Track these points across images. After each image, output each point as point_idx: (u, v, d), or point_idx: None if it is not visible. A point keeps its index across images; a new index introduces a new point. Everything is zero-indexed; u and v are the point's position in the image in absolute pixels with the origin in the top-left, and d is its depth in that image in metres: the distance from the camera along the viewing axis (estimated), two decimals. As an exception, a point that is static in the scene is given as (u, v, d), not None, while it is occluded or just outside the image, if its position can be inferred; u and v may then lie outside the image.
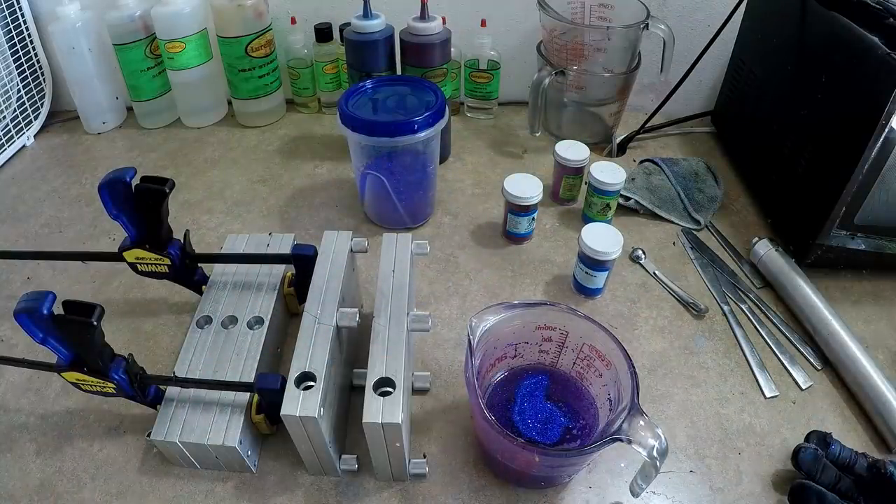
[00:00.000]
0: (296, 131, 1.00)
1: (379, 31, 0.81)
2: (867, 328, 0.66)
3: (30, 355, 0.57)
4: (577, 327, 0.51)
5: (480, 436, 0.53)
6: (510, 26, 0.98)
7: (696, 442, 0.56)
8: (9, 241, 0.79)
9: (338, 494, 0.52)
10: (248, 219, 0.81)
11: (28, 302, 0.44)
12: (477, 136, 0.98)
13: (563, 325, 0.52)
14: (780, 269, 0.70)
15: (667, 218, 0.81)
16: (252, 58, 0.93)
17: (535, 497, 0.51)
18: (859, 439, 0.56)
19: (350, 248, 0.59)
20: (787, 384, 0.61)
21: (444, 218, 0.81)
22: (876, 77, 0.57)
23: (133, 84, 0.96)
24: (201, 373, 0.54)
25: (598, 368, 0.51)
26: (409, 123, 0.67)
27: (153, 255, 0.58)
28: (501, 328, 0.50)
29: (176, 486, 0.52)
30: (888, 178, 0.61)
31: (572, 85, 0.91)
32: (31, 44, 0.96)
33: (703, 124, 1.00)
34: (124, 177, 0.53)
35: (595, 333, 0.50)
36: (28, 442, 0.56)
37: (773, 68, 0.78)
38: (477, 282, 0.72)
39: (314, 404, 0.45)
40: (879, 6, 0.60)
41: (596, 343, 0.50)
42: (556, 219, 0.81)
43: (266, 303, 0.61)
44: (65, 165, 0.93)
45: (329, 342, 0.50)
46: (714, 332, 0.66)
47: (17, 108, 0.96)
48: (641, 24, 0.82)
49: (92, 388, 0.50)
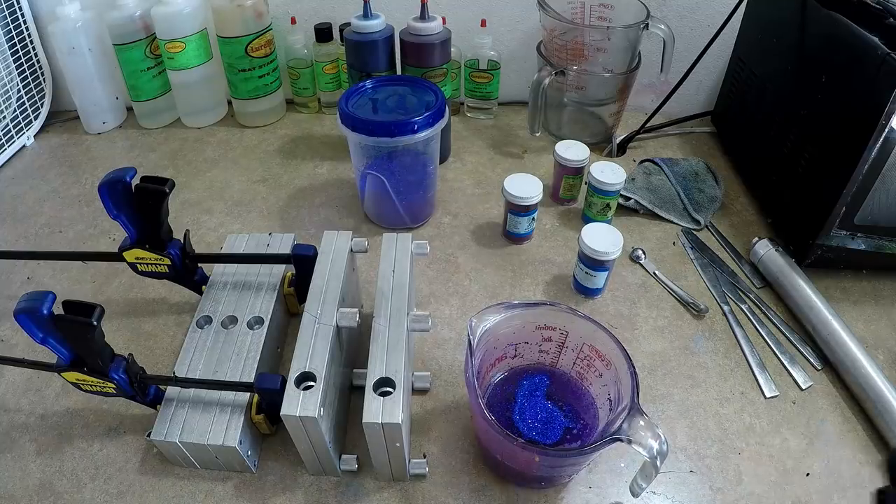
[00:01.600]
0: (296, 131, 1.00)
1: (379, 31, 0.81)
2: (867, 328, 0.66)
3: (30, 355, 0.57)
4: (577, 327, 0.51)
5: (481, 436, 0.53)
6: (510, 26, 0.98)
7: (696, 442, 0.56)
8: (9, 241, 0.79)
9: (338, 494, 0.52)
10: (248, 219, 0.81)
11: (28, 302, 0.44)
12: (477, 136, 0.98)
13: (563, 325, 0.52)
14: (780, 269, 0.70)
15: (667, 218, 0.81)
16: (252, 58, 0.93)
17: (535, 497, 0.51)
18: (859, 439, 0.56)
19: (350, 248, 0.59)
20: (787, 384, 0.61)
21: (444, 218, 0.81)
22: (876, 77, 0.57)
23: (133, 84, 0.96)
24: (201, 373, 0.54)
25: (598, 368, 0.51)
26: (409, 123, 0.67)
27: (153, 255, 0.58)
28: (501, 328, 0.50)
29: (176, 486, 0.52)
30: (888, 178, 0.61)
31: (572, 85, 0.91)
32: (31, 44, 0.96)
33: (703, 124, 1.00)
34: (124, 177, 0.53)
35: (595, 333, 0.50)
36: (28, 442, 0.56)
37: (773, 68, 0.78)
38: (477, 282, 0.72)
39: (314, 404, 0.45)
40: (879, 6, 0.60)
41: (596, 343, 0.50)
42: (556, 219, 0.81)
43: (266, 303, 0.61)
44: (65, 165, 0.93)
45: (329, 342, 0.50)
46: (714, 332, 0.66)
47: (17, 108, 0.96)
48: (641, 24, 0.82)
49: (92, 388, 0.50)
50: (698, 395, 0.60)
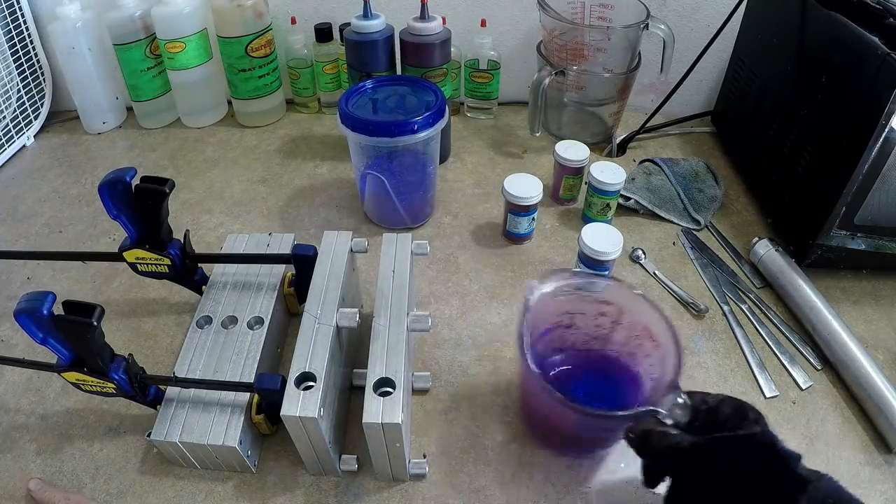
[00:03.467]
0: (296, 131, 1.00)
1: (379, 31, 0.81)
2: (867, 328, 0.66)
3: (30, 355, 0.57)
4: (634, 305, 0.52)
5: (528, 398, 0.53)
6: (510, 26, 0.98)
7: (696, 442, 0.56)
8: (9, 241, 0.79)
9: (338, 494, 0.52)
10: (248, 219, 0.81)
11: (28, 302, 0.44)
12: (477, 136, 0.98)
13: (620, 301, 0.53)
14: (780, 269, 0.70)
15: (667, 218, 0.81)
16: (252, 58, 0.93)
17: (535, 497, 0.51)
18: (859, 439, 0.56)
19: (350, 248, 0.59)
20: (787, 384, 0.61)
21: (444, 218, 0.81)
22: (876, 77, 0.57)
23: (133, 84, 0.96)
24: (201, 373, 0.54)
25: (648, 348, 0.51)
26: (409, 123, 0.67)
27: (153, 255, 0.58)
28: (559, 294, 0.51)
29: (176, 486, 0.52)
30: (888, 178, 0.61)
31: (572, 85, 0.91)
32: (31, 44, 0.96)
33: (703, 124, 1.00)
34: (124, 177, 0.53)
35: (650, 313, 0.50)
36: (28, 442, 0.56)
37: (773, 68, 0.78)
38: (477, 282, 0.72)
39: (314, 404, 0.45)
40: (879, 6, 0.60)
41: (650, 323, 0.51)
42: (556, 219, 0.81)
43: (266, 303, 0.61)
44: (65, 165, 0.93)
45: (329, 342, 0.50)
46: (714, 332, 0.66)
47: (17, 108, 0.96)
48: (641, 24, 0.82)
49: (92, 388, 0.50)
50: (698, 395, 0.60)
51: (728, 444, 0.40)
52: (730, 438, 0.40)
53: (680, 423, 0.43)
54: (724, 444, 0.40)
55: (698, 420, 0.43)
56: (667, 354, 0.48)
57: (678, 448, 0.41)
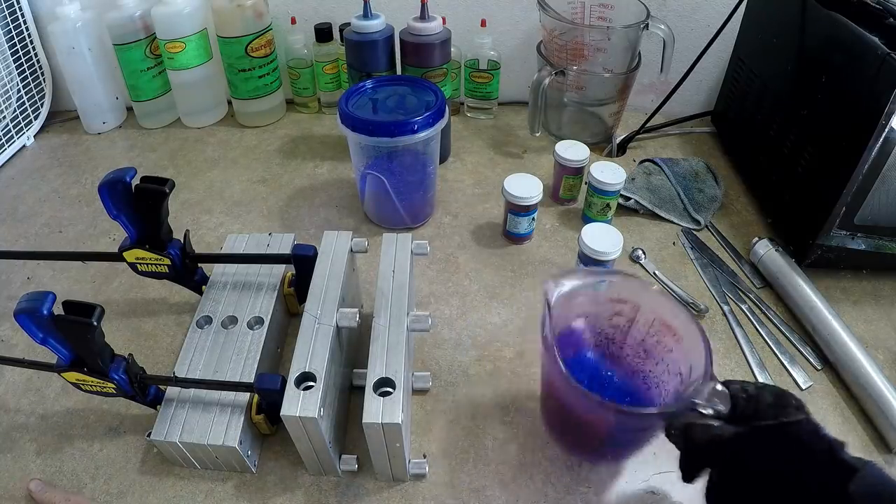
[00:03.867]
0: (296, 131, 1.00)
1: (379, 31, 0.81)
2: (867, 328, 0.66)
3: (30, 355, 0.57)
4: (649, 300, 0.51)
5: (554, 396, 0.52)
6: (510, 26, 0.98)
7: (696, 442, 0.56)
8: (9, 241, 0.79)
9: (338, 494, 0.52)
10: (248, 219, 0.81)
11: (28, 302, 0.44)
12: (477, 136, 0.98)
13: (635, 298, 0.52)
14: (780, 269, 0.70)
15: (667, 218, 0.81)
16: (252, 58, 0.93)
17: (535, 497, 0.51)
18: (859, 439, 0.56)
19: (350, 248, 0.59)
20: (787, 384, 0.61)
21: (444, 218, 0.81)
22: (876, 77, 0.57)
23: (133, 84, 0.96)
24: (201, 373, 0.54)
25: (668, 343, 0.51)
26: (409, 123, 0.67)
27: (153, 255, 0.58)
28: (576, 296, 0.51)
29: (176, 486, 0.52)
30: (888, 178, 0.61)
31: (572, 85, 0.91)
32: (31, 44, 0.96)
33: (703, 124, 1.00)
34: (124, 177, 0.53)
35: (667, 307, 0.50)
36: (28, 442, 0.56)
37: (773, 68, 0.78)
38: (477, 282, 0.72)
39: (314, 404, 0.45)
40: (879, 6, 0.60)
41: (667, 317, 0.50)
42: (556, 219, 0.81)
43: (266, 303, 0.61)
44: (65, 165, 0.93)
45: (329, 342, 0.50)
46: (714, 332, 0.66)
47: (17, 108, 0.96)
48: (641, 24, 0.82)
49: (92, 388, 0.50)
50: (698, 395, 0.60)
51: (772, 432, 0.39)
52: (773, 427, 0.39)
53: (720, 413, 0.41)
54: (768, 433, 0.39)
55: (738, 409, 0.41)
56: (690, 347, 0.47)
57: (721, 439, 0.40)
